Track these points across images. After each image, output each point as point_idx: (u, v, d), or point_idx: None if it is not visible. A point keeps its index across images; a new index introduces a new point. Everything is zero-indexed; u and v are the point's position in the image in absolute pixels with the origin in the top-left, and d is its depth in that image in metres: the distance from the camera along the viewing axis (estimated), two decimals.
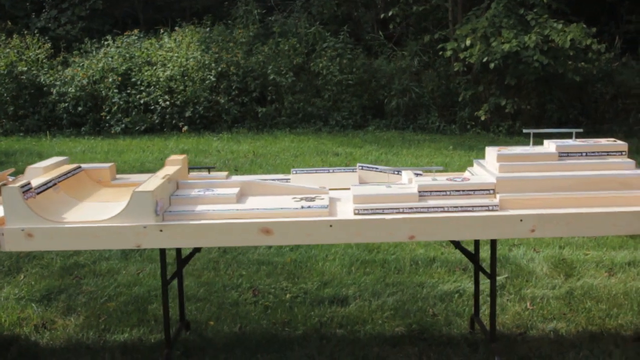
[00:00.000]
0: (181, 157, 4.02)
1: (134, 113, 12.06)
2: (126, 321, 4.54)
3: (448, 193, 3.49)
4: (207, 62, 12.23)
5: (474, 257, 4.01)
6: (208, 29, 13.32)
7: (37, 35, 13.60)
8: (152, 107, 12.07)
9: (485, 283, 4.89)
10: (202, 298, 4.91)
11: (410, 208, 3.37)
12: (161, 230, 3.27)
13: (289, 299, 4.85)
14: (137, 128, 12.02)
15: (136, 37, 13.46)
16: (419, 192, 3.46)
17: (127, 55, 12.72)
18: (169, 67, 12.23)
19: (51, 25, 14.66)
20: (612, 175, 3.48)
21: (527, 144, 3.80)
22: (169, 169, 3.81)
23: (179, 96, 11.95)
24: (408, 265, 5.43)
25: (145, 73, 12.22)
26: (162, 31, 13.64)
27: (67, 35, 14.46)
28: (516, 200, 3.42)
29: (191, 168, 4.21)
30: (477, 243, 4.07)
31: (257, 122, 12.16)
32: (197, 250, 4.08)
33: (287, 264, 5.54)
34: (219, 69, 12.16)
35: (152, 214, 3.26)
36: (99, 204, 3.76)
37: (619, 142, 3.71)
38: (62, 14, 14.82)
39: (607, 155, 3.70)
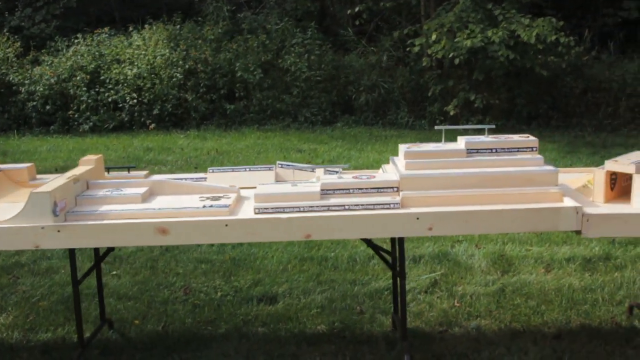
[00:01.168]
0: (95, 157, 3.99)
1: (102, 111, 12.03)
2: (53, 320, 4.53)
3: (351, 191, 3.46)
4: (174, 60, 12.20)
5: (391, 254, 3.99)
6: (178, 27, 13.27)
7: (7, 34, 13.55)
8: (121, 105, 12.04)
9: (415, 280, 4.89)
10: (133, 297, 4.89)
11: (311, 207, 3.35)
12: (59, 231, 3.25)
13: (218, 298, 4.83)
14: (105, 126, 12.00)
15: (107, 35, 13.41)
16: (322, 190, 3.44)
17: (97, 53, 12.68)
18: (136, 65, 12.20)
19: (25, 24, 14.61)
20: (517, 172, 3.46)
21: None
22: (78, 169, 3.78)
23: (146, 94, 11.92)
24: (345, 263, 5.41)
25: (114, 71, 12.18)
26: (130, 29, 13.59)
27: (42, 33, 14.42)
28: (417, 198, 3.39)
29: (111, 168, 4.18)
30: (393, 241, 4.05)
31: (226, 119, 12.14)
32: (110, 249, 4.05)
33: (225, 262, 5.52)
34: (187, 66, 12.13)
35: (50, 214, 3.24)
36: (11, 204, 3.74)
37: (531, 138, 3.69)
38: (37, 12, 14.77)
39: (517, 151, 3.66)
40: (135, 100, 11.92)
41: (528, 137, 3.73)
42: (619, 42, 14.08)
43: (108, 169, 4.14)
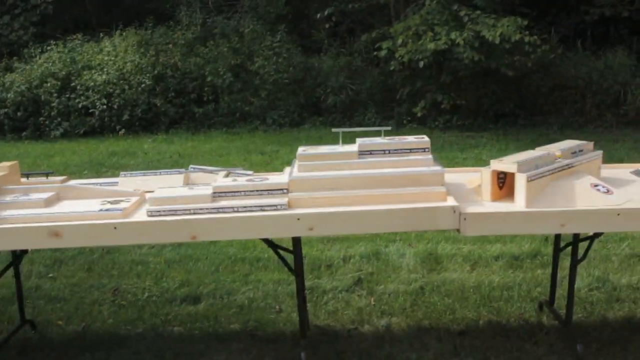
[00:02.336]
0: (10, 163, 4.09)
1: (73, 117, 12.15)
2: None
3: (242, 193, 3.55)
4: (144, 66, 12.31)
5: (293, 254, 4.07)
6: (150, 32, 13.37)
7: None
8: (91, 110, 12.16)
9: (340, 279, 4.98)
10: (63, 298, 4.99)
11: (201, 209, 3.44)
12: None
13: (144, 299, 4.93)
14: (76, 131, 12.11)
15: (79, 42, 13.53)
16: (214, 193, 3.52)
17: (69, 59, 12.80)
18: (105, 71, 12.32)
19: (3, 31, 14.73)
20: (403, 172, 3.55)
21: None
22: None
23: (116, 99, 12.04)
24: (275, 263, 5.49)
25: (85, 77, 12.30)
26: (101, 35, 13.70)
27: (20, 40, 14.53)
28: (305, 200, 3.49)
29: (30, 174, 4.27)
30: (294, 240, 4.14)
31: (195, 122, 12.24)
32: (24, 252, 4.16)
33: (160, 264, 5.61)
34: (156, 71, 12.23)
35: None
36: None
37: (425, 138, 3.77)
38: (15, 19, 14.88)
39: (410, 152, 3.75)
40: (105, 106, 12.03)
41: (423, 137, 3.82)
42: (592, 40, 14.14)
43: (27, 175, 4.24)
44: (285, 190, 3.54)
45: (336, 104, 12.22)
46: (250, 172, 4.06)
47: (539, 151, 3.79)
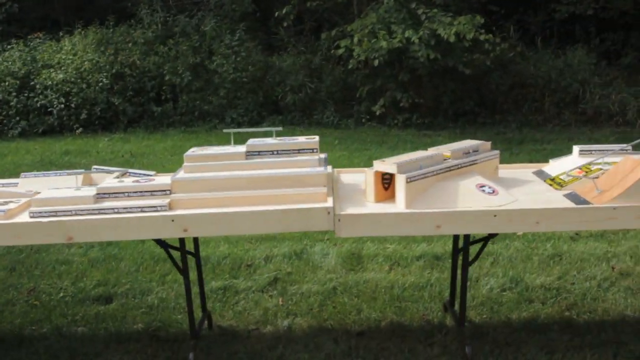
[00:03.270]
0: None
1: (31, 116, 12.11)
2: None
3: (126, 195, 3.54)
4: (102, 64, 12.29)
5: (194, 254, 4.07)
6: (112, 30, 13.34)
7: None
8: (50, 109, 12.13)
9: (255, 280, 4.98)
10: None
11: (82, 210, 3.42)
12: None
13: (58, 298, 4.91)
14: (35, 130, 12.07)
15: (40, 40, 13.49)
16: (97, 194, 3.52)
17: (29, 58, 12.76)
18: (63, 70, 12.29)
19: None
20: (286, 173, 3.54)
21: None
22: None
23: (74, 98, 12.01)
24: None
25: (43, 76, 12.27)
26: (61, 34, 13.66)
27: None
28: (185, 201, 3.48)
29: None
30: (195, 240, 4.15)
31: (154, 121, 12.22)
32: None
33: (84, 264, 5.60)
34: (114, 70, 12.21)
35: None
36: None
37: (315, 139, 3.77)
38: None
39: (298, 153, 3.74)
40: (62, 105, 12.00)
41: (313, 138, 3.81)
42: (558, 38, 14.17)
43: None
44: (168, 192, 3.53)
45: (295, 102, 12.22)
46: (151, 173, 4.06)
47: (428, 151, 3.78)
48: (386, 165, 3.50)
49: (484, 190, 3.58)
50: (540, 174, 4.14)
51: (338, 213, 3.32)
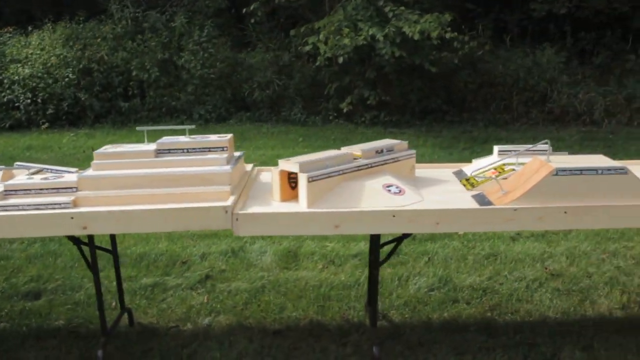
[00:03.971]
0: None
1: None
2: None
3: (33, 192, 3.53)
4: (70, 59, 12.26)
5: (111, 252, 4.06)
6: (81, 25, 13.31)
7: None
8: (17, 104, 12.10)
9: (188, 277, 4.98)
10: None
11: None
12: None
13: None
14: (2, 125, 12.05)
15: (10, 35, 13.45)
16: (5, 190, 3.51)
17: None
18: (30, 65, 12.26)
19: None
20: (190, 172, 3.53)
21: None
22: None
23: (41, 93, 11.98)
24: (133, 259, 5.48)
25: (11, 71, 12.24)
26: (30, 28, 13.63)
27: None
28: (90, 199, 3.47)
29: None
30: (112, 237, 4.15)
31: (122, 117, 12.20)
32: None
33: (21, 259, 5.59)
34: (81, 65, 12.19)
35: None
36: None
37: (226, 137, 3.76)
38: None
39: (209, 151, 3.74)
40: (29, 100, 11.97)
41: (225, 137, 3.81)
42: (531, 37, 14.18)
43: None
44: (74, 189, 3.52)
45: (263, 99, 12.21)
46: (73, 170, 4.04)
47: (337, 151, 3.78)
48: (290, 164, 3.50)
49: (389, 190, 3.57)
50: (459, 174, 4.14)
51: (236, 212, 3.31)
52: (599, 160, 3.58)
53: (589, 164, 3.45)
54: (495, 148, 4.12)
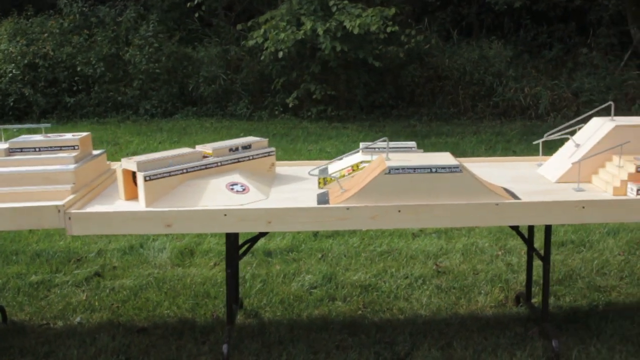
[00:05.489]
0: None
1: None
2: None
3: None
4: (14, 55, 12.22)
5: None
6: (31, 20, 13.26)
7: None
8: None
9: (74, 275, 4.96)
10: None
11: None
12: None
13: None
14: None
15: None
16: None
17: None
18: None
19: None
20: (32, 171, 3.52)
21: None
22: None
23: None
24: (29, 255, 5.47)
25: None
26: None
27: None
28: None
29: None
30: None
31: (68, 112, 12.16)
32: None
33: None
34: (26, 61, 12.14)
35: None
36: None
37: (78, 136, 3.75)
38: None
39: (60, 150, 3.73)
40: None
41: (78, 135, 3.79)
42: (486, 30, 14.20)
43: None
44: None
45: (209, 94, 12.20)
46: None
47: (189, 149, 3.78)
48: (129, 162, 3.50)
49: (232, 189, 3.58)
50: (323, 171, 4.14)
51: (69, 211, 3.31)
52: (442, 159, 3.58)
53: (424, 162, 3.45)
54: (361, 145, 4.12)
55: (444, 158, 3.61)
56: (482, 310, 4.44)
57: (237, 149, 3.90)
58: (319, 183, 3.82)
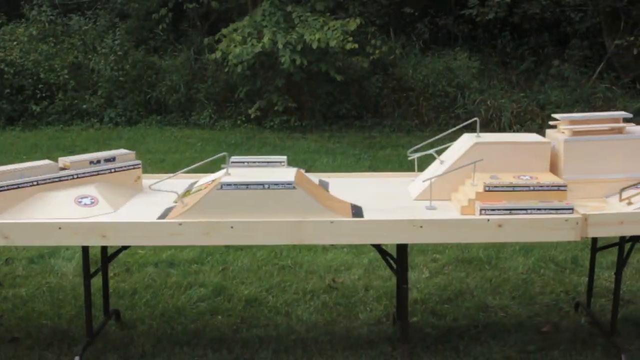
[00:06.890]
0: None
1: None
2: None
3: None
4: None
5: None
6: (3, 29, 13.41)
7: None
8: None
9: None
10: None
11: None
12: None
13: None
14: None
15: None
16: None
17: None
18: None
19: None
20: None
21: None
22: None
23: None
24: None
25: None
26: None
27: None
28: None
29: None
30: None
31: (34, 119, 12.27)
32: None
33: None
34: None
35: None
36: None
37: None
38: None
39: None
40: None
41: None
42: (462, 41, 14.20)
43: None
44: None
45: (173, 102, 12.29)
46: None
47: (45, 161, 3.83)
48: None
49: (80, 202, 3.62)
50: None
51: None
52: (280, 175, 3.58)
53: (260, 179, 3.48)
54: (233, 159, 4.13)
55: (285, 174, 3.62)
56: (358, 328, 4.45)
57: (98, 161, 3.94)
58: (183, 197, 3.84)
